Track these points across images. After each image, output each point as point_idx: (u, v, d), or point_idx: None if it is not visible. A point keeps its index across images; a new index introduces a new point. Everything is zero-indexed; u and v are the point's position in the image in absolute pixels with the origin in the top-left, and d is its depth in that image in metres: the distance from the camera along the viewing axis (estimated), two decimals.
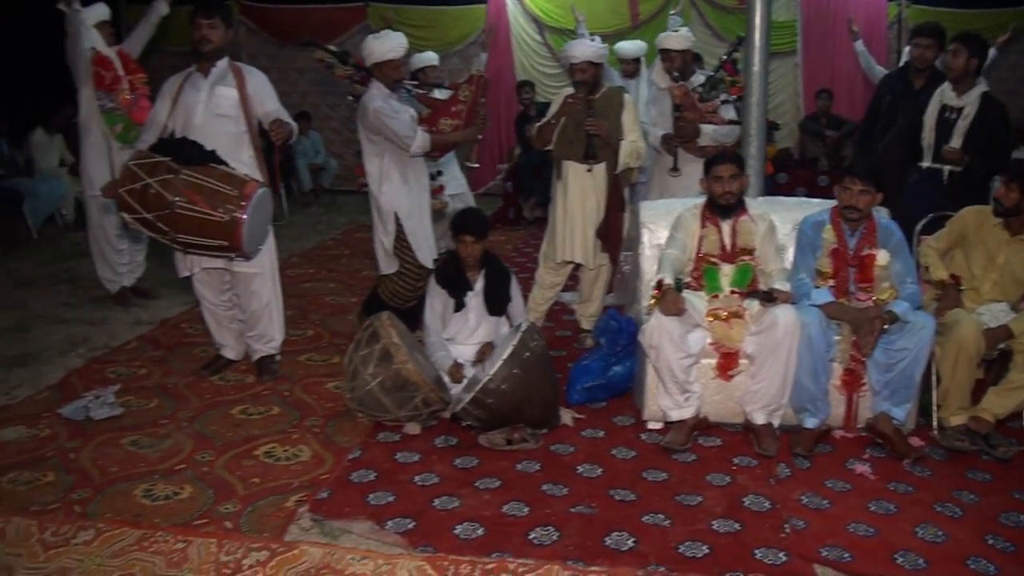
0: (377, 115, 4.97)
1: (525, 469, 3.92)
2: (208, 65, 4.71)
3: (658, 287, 4.10)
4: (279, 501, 3.65)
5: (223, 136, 4.62)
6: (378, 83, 5.09)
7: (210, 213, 4.17)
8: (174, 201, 4.14)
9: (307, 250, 8.58)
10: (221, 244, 4.31)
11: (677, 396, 4.12)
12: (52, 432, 4.37)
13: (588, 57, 5.12)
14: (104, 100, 6.09)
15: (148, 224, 4.26)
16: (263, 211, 4.43)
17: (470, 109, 5.19)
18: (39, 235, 8.85)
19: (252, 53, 11.36)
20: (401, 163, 5.12)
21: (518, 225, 9.50)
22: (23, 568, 3.21)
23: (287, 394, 4.82)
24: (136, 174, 4.20)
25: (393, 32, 5.12)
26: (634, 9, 10.10)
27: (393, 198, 5.15)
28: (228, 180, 4.27)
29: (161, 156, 4.25)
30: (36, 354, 5.51)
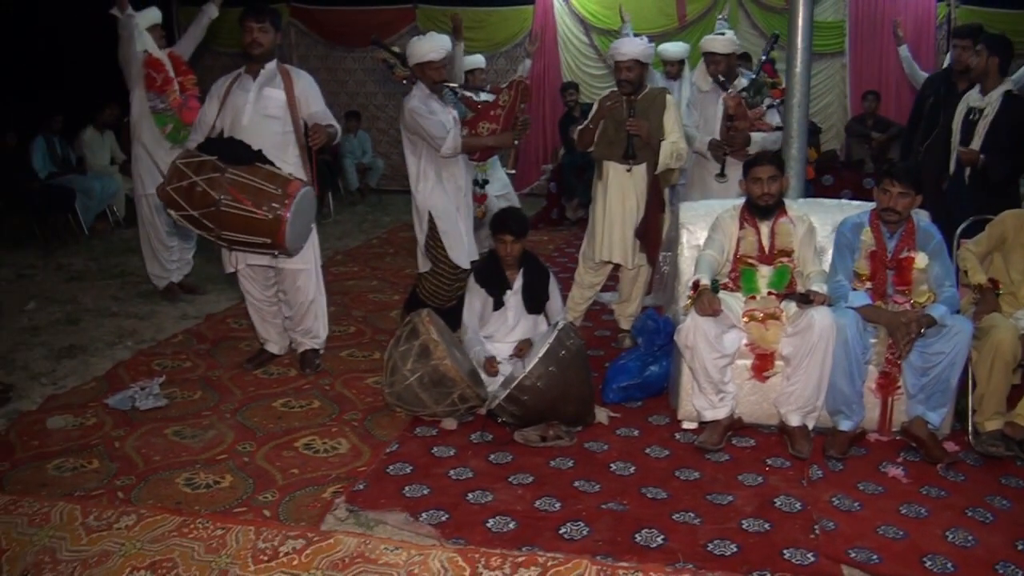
0: (412, 115, 5.04)
1: (558, 466, 3.95)
2: (257, 67, 4.81)
3: (694, 288, 4.12)
4: (316, 492, 3.73)
5: (270, 136, 4.72)
6: (421, 84, 5.16)
7: (254, 211, 4.26)
8: (219, 199, 4.24)
9: (352, 248, 8.69)
10: (264, 241, 4.40)
11: (712, 396, 4.13)
12: (98, 421, 4.51)
13: (635, 55, 5.14)
14: (155, 101, 6.26)
15: (194, 221, 4.36)
16: (306, 209, 4.50)
17: (508, 114, 5.19)
18: (90, 231, 9.06)
19: (302, 54, 11.51)
20: (437, 163, 5.16)
21: (561, 225, 9.54)
22: (66, 551, 3.31)
23: (328, 388, 4.91)
24: (183, 172, 4.30)
25: (437, 34, 5.18)
26: (681, 10, 10.07)
27: (427, 197, 5.21)
28: (272, 179, 4.35)
29: (208, 155, 4.35)
30: (84, 346, 5.67)
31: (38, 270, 7.70)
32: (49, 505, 3.62)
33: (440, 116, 5.08)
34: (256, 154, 4.47)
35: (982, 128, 5.14)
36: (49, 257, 8.09)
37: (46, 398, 4.81)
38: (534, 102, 10.86)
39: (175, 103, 6.30)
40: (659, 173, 5.26)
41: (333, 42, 11.26)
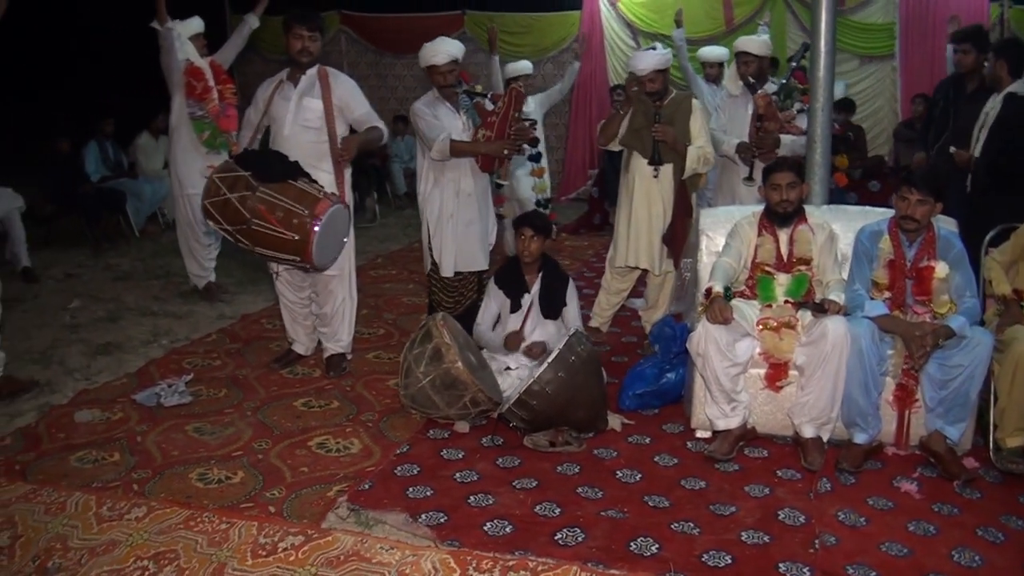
0: (412, 114, 5.14)
1: (564, 471, 3.94)
2: (299, 73, 4.86)
3: (707, 295, 4.08)
4: (322, 490, 3.77)
5: (307, 147, 4.79)
6: (434, 87, 5.20)
7: (282, 232, 4.31)
8: (250, 219, 4.31)
9: (393, 252, 8.76)
10: (294, 259, 4.47)
11: (724, 405, 4.08)
12: (124, 416, 4.62)
13: (654, 67, 5.12)
14: (194, 108, 6.41)
15: (230, 234, 4.45)
16: (335, 228, 4.52)
17: (501, 122, 5.11)
18: (140, 233, 9.27)
19: (352, 61, 11.67)
20: (437, 168, 5.18)
21: (603, 230, 9.49)
22: (77, 538, 3.42)
23: (349, 389, 4.97)
24: (219, 187, 4.38)
25: (447, 39, 5.16)
26: (728, 13, 9.98)
27: (425, 200, 5.25)
28: (302, 199, 4.37)
29: (243, 170, 4.41)
30: (121, 343, 5.81)
31: (86, 269, 7.90)
32: (66, 495, 3.75)
33: (444, 120, 5.10)
34: (291, 168, 4.51)
35: (983, 131, 5.05)
36: (98, 257, 8.31)
37: (77, 392, 4.94)
38: (580, 106, 10.85)
39: (213, 110, 6.43)
40: (686, 178, 5.22)
41: (383, 49, 11.38)
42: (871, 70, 10.11)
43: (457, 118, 5.18)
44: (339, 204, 4.53)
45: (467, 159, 5.16)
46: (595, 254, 8.50)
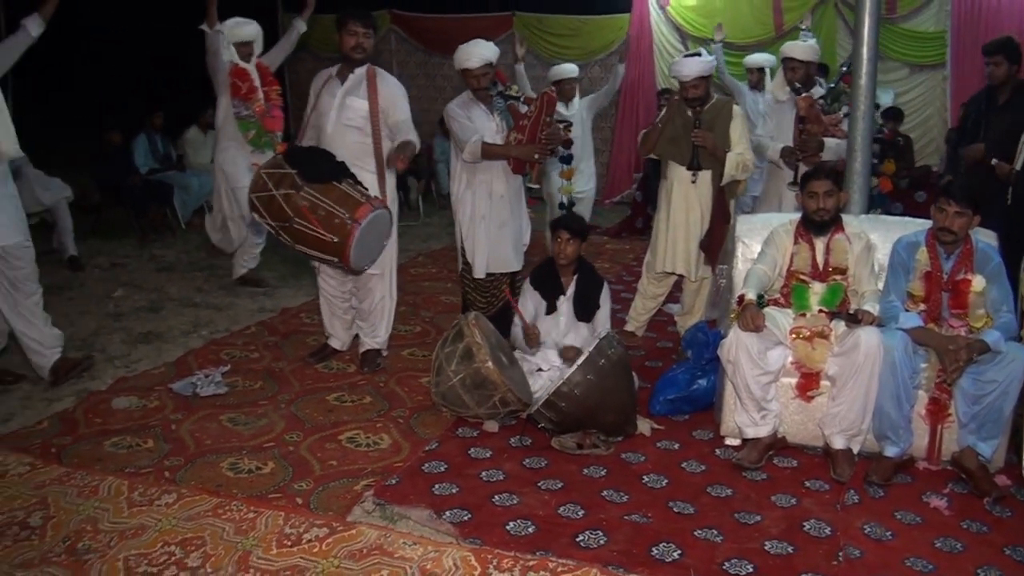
0: (446, 115, 5.17)
1: (591, 474, 3.94)
2: (348, 71, 4.91)
3: (739, 302, 4.06)
4: (350, 484, 3.82)
5: (351, 146, 4.83)
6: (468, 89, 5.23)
7: (323, 233, 4.36)
8: (292, 217, 4.36)
9: (434, 251, 8.80)
10: (333, 259, 4.52)
11: (753, 413, 4.06)
12: (160, 404, 4.71)
13: (698, 73, 5.11)
14: (240, 108, 6.48)
15: (273, 229, 4.51)
16: (375, 231, 4.56)
17: (532, 126, 5.10)
18: (187, 226, 9.40)
19: (401, 61, 11.75)
20: (470, 169, 5.20)
21: (644, 235, 9.43)
22: (107, 521, 3.50)
23: (382, 385, 5.01)
24: (265, 183, 4.44)
25: (482, 43, 5.15)
26: (778, 19, 9.90)
27: (457, 200, 5.29)
28: (344, 202, 4.41)
29: (290, 167, 4.45)
30: (161, 333, 5.91)
31: (131, 260, 8.05)
32: (99, 479, 3.84)
33: (478, 122, 5.11)
34: (337, 168, 4.55)
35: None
36: (144, 248, 8.45)
37: (116, 379, 5.05)
38: (627, 110, 10.82)
39: (259, 110, 6.50)
40: (724, 184, 5.20)
41: (432, 49, 11.43)
42: (921, 79, 9.95)
43: (491, 120, 5.18)
44: (381, 208, 4.56)
45: (500, 161, 5.17)
46: (635, 258, 8.47)
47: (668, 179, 5.34)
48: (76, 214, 8.08)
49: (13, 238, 4.71)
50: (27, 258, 4.80)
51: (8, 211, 4.73)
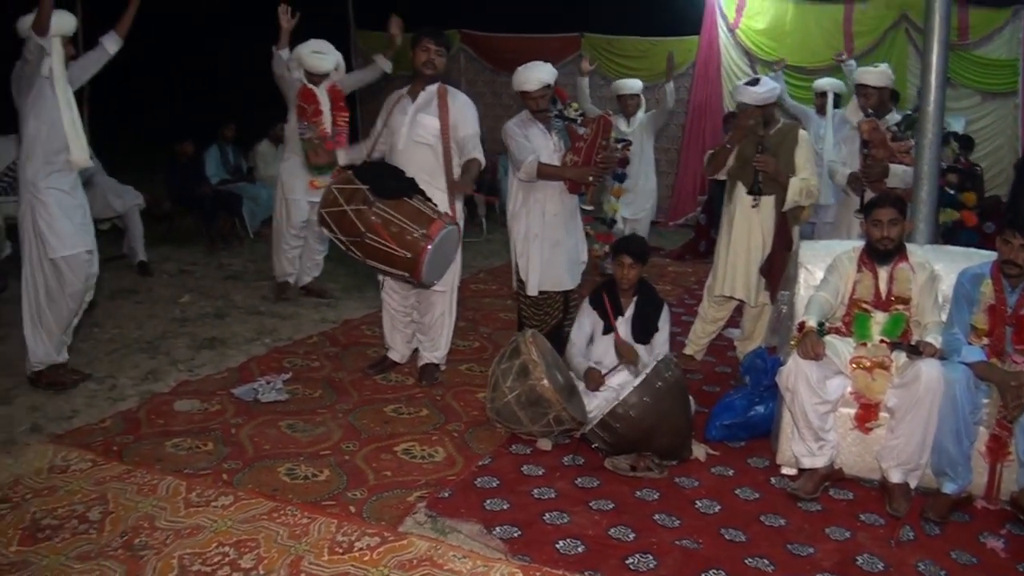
0: (504, 134, 5.18)
1: (643, 496, 3.93)
2: (419, 89, 4.97)
3: (799, 328, 4.02)
4: (403, 495, 3.86)
5: (422, 163, 4.89)
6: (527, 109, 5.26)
7: (395, 249, 4.42)
8: (364, 232, 4.43)
9: (496, 267, 8.83)
10: (403, 275, 4.58)
11: (811, 443, 4.00)
12: (221, 408, 4.81)
13: (756, 102, 5.09)
14: (304, 130, 6.51)
15: (343, 244, 4.58)
16: (446, 247, 4.63)
17: (588, 149, 5.11)
18: (255, 236, 9.56)
19: (470, 79, 11.85)
20: (525, 188, 5.22)
21: (708, 258, 9.36)
22: (164, 519, 3.60)
23: (439, 399, 5.05)
24: (336, 198, 4.52)
25: (539, 64, 5.17)
26: (848, 43, 9.77)
27: (512, 218, 5.32)
28: (416, 218, 4.47)
29: (361, 183, 4.52)
30: (225, 339, 6.03)
31: (199, 267, 8.22)
32: (159, 478, 3.94)
33: (535, 141, 5.13)
34: (408, 184, 4.62)
35: None
36: (212, 256, 8.62)
37: (179, 382, 5.17)
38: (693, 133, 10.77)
39: (322, 133, 6.50)
40: (787, 210, 5.15)
41: (500, 68, 11.50)
42: (992, 107, 9.73)
43: (548, 140, 5.20)
44: (452, 225, 4.62)
45: (555, 181, 5.19)
46: (697, 281, 8.40)
47: (732, 202, 5.32)
48: (148, 221, 8.31)
49: (73, 249, 4.82)
50: (80, 272, 4.88)
51: (75, 220, 4.86)
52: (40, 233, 4.74)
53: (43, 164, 4.73)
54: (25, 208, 4.77)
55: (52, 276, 4.81)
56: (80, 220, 4.90)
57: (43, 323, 4.89)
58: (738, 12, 10.43)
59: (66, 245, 4.78)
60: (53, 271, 4.80)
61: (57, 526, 3.54)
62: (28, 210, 4.75)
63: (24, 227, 4.79)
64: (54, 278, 4.82)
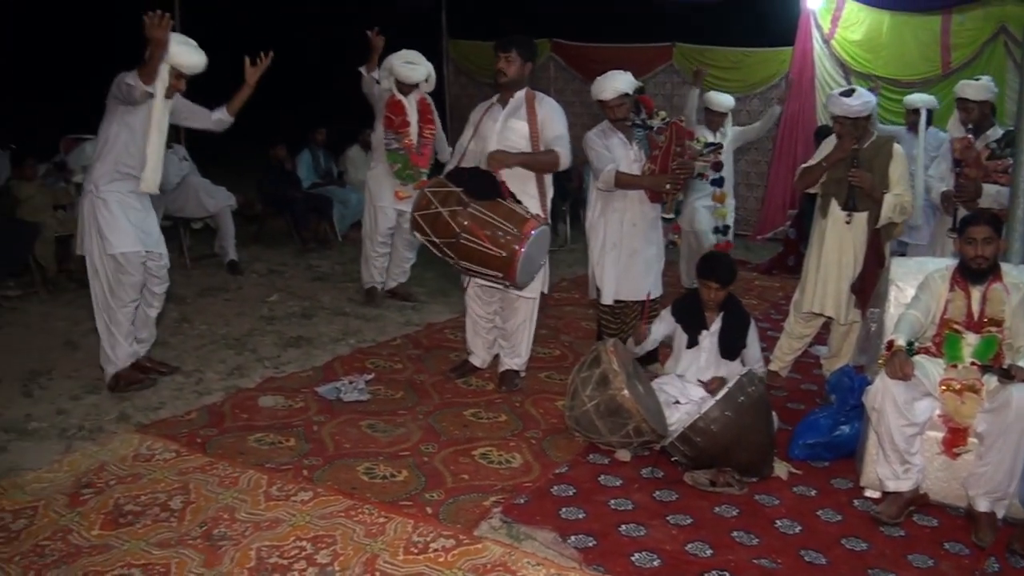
0: (584, 144, 5.21)
1: (722, 513, 3.87)
2: (507, 96, 5.03)
3: (888, 347, 3.91)
4: (479, 499, 3.88)
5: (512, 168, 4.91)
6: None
7: (490, 248, 4.48)
8: (459, 233, 4.50)
9: (578, 276, 8.79)
10: (497, 275, 4.62)
11: (896, 466, 3.88)
12: (304, 405, 4.91)
13: (850, 115, 4.98)
14: (391, 140, 6.62)
15: (436, 247, 4.66)
16: (539, 248, 4.67)
17: (664, 156, 5.09)
18: (343, 239, 9.72)
19: (559, 88, 11.85)
20: (605, 197, 5.24)
21: (796, 273, 9.20)
22: (244, 512, 3.70)
23: (518, 405, 5.06)
24: (430, 201, 4.60)
25: (618, 74, 5.17)
26: (946, 56, 9.49)
27: (591, 227, 5.35)
28: (510, 217, 4.54)
29: (454, 186, 4.62)
30: (311, 339, 6.15)
31: (288, 268, 8.40)
32: (240, 471, 4.05)
33: (615, 151, 5.14)
34: (500, 187, 4.68)
35: None
36: (301, 257, 8.79)
37: (265, 379, 5.30)
38: (784, 145, 10.60)
39: (408, 145, 6.60)
40: (880, 226, 5.03)
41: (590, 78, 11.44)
42: None
43: (628, 149, 5.21)
44: (544, 225, 4.67)
45: (636, 190, 5.19)
46: (785, 296, 8.24)
47: (825, 217, 5.21)
48: (240, 222, 8.54)
49: (132, 247, 4.87)
50: (138, 267, 4.93)
51: (134, 221, 4.92)
52: (100, 230, 4.80)
53: (111, 170, 4.81)
54: (87, 207, 4.84)
55: (112, 270, 4.85)
56: (139, 222, 4.95)
57: (111, 319, 4.93)
58: (833, 23, 10.23)
59: (124, 243, 4.83)
60: (113, 266, 4.84)
61: (139, 512, 3.67)
62: (90, 209, 4.83)
63: (85, 225, 4.86)
64: (114, 272, 4.86)
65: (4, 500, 3.76)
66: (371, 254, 7.07)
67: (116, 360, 4.98)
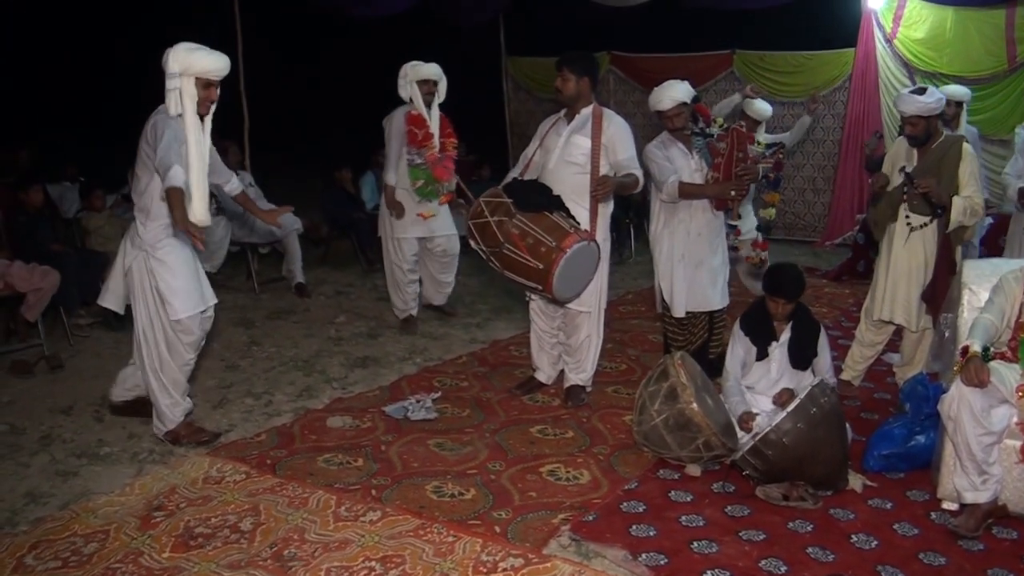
0: (645, 156, 5.16)
1: (796, 528, 3.80)
2: (574, 111, 5.05)
3: (963, 353, 3.80)
4: (548, 517, 3.86)
5: (570, 182, 4.93)
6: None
7: (529, 259, 4.51)
8: (503, 243, 4.54)
9: (644, 289, 8.73)
10: (537, 287, 4.64)
11: (973, 476, 3.77)
12: (372, 425, 4.95)
13: (916, 113, 4.88)
14: (413, 155, 6.45)
15: (484, 254, 4.71)
16: (581, 263, 4.65)
17: (727, 163, 5.04)
18: None
19: (619, 100, 11.83)
20: (668, 208, 5.20)
21: (866, 279, 9.00)
22: (314, 532, 3.74)
23: (584, 420, 5.04)
24: (482, 210, 4.66)
25: (675, 83, 5.14)
26: (1011, 50, 9.24)
27: (655, 239, 5.31)
28: (553, 231, 4.54)
29: (506, 197, 4.66)
30: (378, 358, 6.20)
31: (355, 288, 8.47)
32: (310, 492, 4.10)
33: (676, 162, 5.11)
34: (552, 200, 4.69)
35: None
36: (366, 278, 8.85)
37: (333, 399, 5.35)
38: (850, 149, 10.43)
39: (430, 158, 6.42)
40: (951, 231, 4.91)
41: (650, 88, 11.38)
42: None
43: (689, 159, 5.18)
44: (588, 241, 4.64)
45: (699, 200, 5.15)
46: (855, 303, 8.09)
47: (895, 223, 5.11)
48: (306, 245, 8.66)
49: (194, 309, 4.60)
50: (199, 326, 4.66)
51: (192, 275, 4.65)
52: (161, 294, 4.50)
53: (167, 223, 4.47)
54: (141, 266, 4.52)
55: (172, 332, 4.58)
56: (196, 274, 4.67)
57: (165, 372, 4.63)
58: (895, 22, 10.04)
59: (187, 306, 4.54)
60: (175, 327, 4.56)
61: (209, 534, 3.73)
62: (144, 269, 4.51)
63: (139, 285, 4.54)
64: (174, 333, 4.58)
65: (76, 524, 3.84)
66: (401, 280, 6.89)
67: (174, 418, 4.71)
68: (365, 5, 6.31)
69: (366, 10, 6.30)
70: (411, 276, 6.91)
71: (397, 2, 6.19)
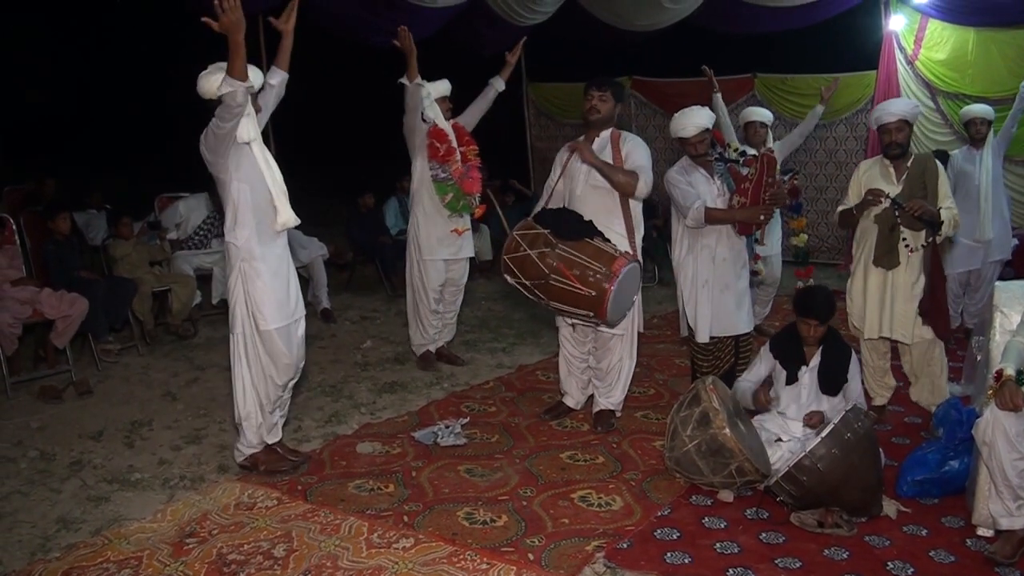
0: (666, 181, 5.17)
1: (831, 555, 3.77)
2: (594, 134, 5.09)
3: (997, 377, 3.78)
4: (581, 543, 3.85)
5: (598, 206, 4.96)
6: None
7: (580, 288, 4.52)
8: (549, 274, 4.55)
9: (669, 313, 8.72)
10: (588, 314, 4.65)
11: (1009, 502, 3.72)
12: (402, 451, 4.96)
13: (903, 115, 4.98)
14: (437, 170, 6.30)
15: (527, 288, 4.71)
16: (629, 285, 4.68)
17: (755, 188, 5.04)
18: None
19: (641, 124, 11.86)
20: (692, 234, 5.19)
21: None
22: (346, 559, 3.74)
23: (615, 446, 5.03)
24: (519, 244, 4.67)
25: (695, 110, 5.12)
26: None
27: (679, 265, 5.31)
28: (599, 256, 4.57)
29: (542, 227, 4.68)
30: (405, 383, 6.21)
31: (380, 314, 8.51)
32: (341, 518, 4.11)
33: (699, 187, 5.10)
34: (587, 226, 4.72)
35: None
36: (392, 303, 8.87)
37: (362, 425, 5.37)
38: None
39: (456, 172, 6.31)
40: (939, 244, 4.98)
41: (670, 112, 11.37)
42: None
43: (712, 184, 5.17)
44: (634, 262, 4.68)
45: (723, 225, 5.16)
46: None
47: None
48: (331, 271, 8.72)
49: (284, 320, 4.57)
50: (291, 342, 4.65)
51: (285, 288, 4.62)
52: (254, 304, 4.45)
53: (256, 231, 4.44)
54: (236, 276, 4.47)
55: (263, 348, 4.52)
56: (289, 288, 4.66)
57: (259, 395, 4.60)
58: (917, 43, 10.03)
59: (278, 317, 4.51)
60: (265, 342, 4.52)
61: (243, 561, 3.74)
62: (240, 279, 4.46)
63: (235, 297, 4.49)
64: (265, 351, 4.53)
65: (109, 550, 3.87)
66: (424, 313, 6.59)
67: (255, 443, 4.67)
68: (389, 34, 6.32)
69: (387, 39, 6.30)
70: (435, 306, 6.59)
71: (418, 31, 6.20)
